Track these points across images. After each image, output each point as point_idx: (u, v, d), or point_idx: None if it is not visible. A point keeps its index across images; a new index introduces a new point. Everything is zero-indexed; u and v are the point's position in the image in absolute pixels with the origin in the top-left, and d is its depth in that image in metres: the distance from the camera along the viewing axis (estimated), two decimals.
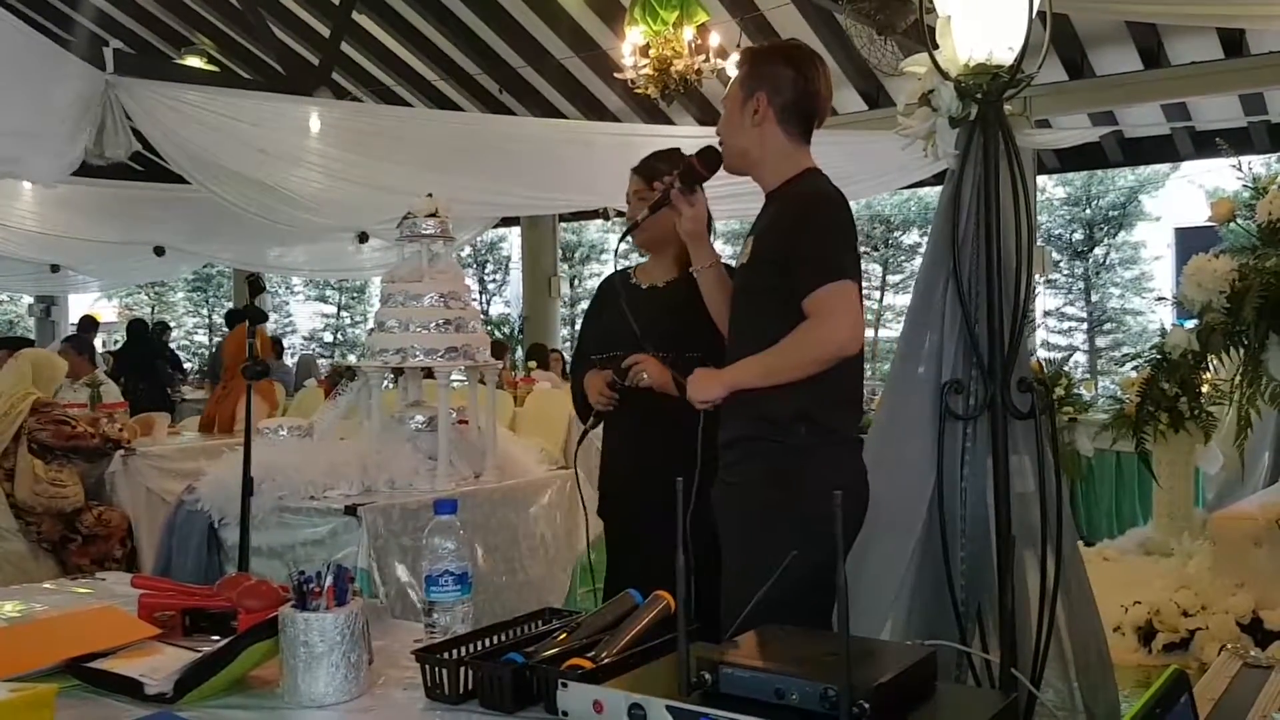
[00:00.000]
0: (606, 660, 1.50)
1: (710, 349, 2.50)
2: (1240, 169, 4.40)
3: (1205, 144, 9.50)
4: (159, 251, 10.03)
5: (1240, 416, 4.00)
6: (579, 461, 3.08)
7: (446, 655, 1.58)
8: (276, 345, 10.37)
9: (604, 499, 2.91)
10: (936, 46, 2.63)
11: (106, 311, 21.35)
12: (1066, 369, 8.61)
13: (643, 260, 2.97)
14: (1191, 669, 3.67)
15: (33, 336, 14.15)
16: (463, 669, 1.55)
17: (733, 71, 2.59)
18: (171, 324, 22.11)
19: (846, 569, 1.24)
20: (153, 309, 22.72)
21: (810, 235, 2.22)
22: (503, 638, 1.68)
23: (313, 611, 1.55)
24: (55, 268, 11.11)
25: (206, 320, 23.55)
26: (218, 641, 1.69)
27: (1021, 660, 2.55)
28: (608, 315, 2.89)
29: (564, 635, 1.62)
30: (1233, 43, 7.95)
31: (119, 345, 12.83)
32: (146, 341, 10.58)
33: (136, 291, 22.69)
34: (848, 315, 2.16)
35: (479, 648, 1.63)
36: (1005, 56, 2.56)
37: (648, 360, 2.62)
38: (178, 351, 13.30)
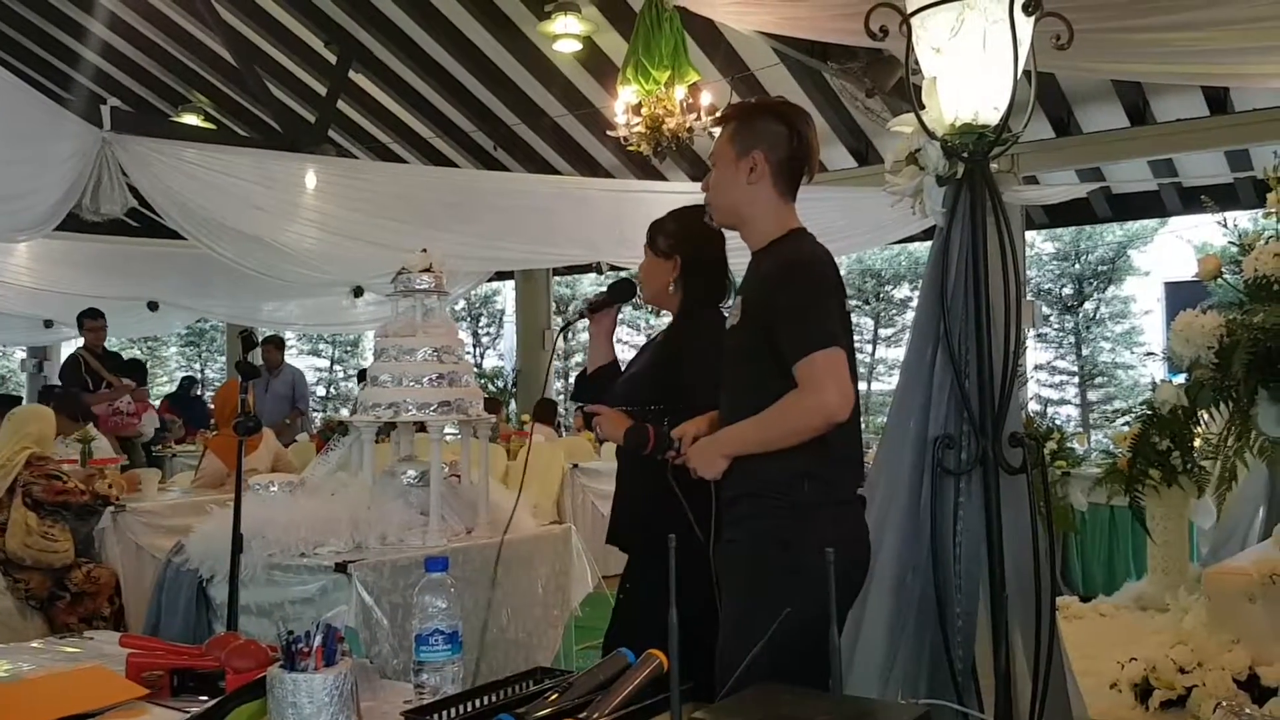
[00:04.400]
0: None
1: (679, 404, 2.53)
2: (1226, 225, 4.42)
3: (1192, 200, 9.59)
4: (153, 306, 10.03)
5: (1224, 470, 4.00)
6: (571, 517, 3.07)
7: (436, 717, 1.56)
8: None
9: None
10: (923, 107, 2.66)
11: None
12: (1059, 423, 8.60)
13: None
14: None
15: (23, 393, 14.10)
16: None
17: None
18: (163, 378, 22.10)
19: (848, 626, 1.24)
20: (145, 363, 22.68)
21: (798, 300, 2.22)
22: (494, 698, 1.67)
23: (301, 672, 1.54)
24: (49, 323, 11.09)
25: (199, 375, 23.51)
26: (206, 702, 1.67)
27: (1019, 716, 2.53)
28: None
29: (555, 695, 1.61)
30: (1217, 100, 8.06)
31: None
32: None
33: (130, 346, 22.68)
34: (836, 383, 2.16)
35: (469, 709, 1.62)
36: (991, 116, 2.60)
37: (604, 413, 2.65)
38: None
